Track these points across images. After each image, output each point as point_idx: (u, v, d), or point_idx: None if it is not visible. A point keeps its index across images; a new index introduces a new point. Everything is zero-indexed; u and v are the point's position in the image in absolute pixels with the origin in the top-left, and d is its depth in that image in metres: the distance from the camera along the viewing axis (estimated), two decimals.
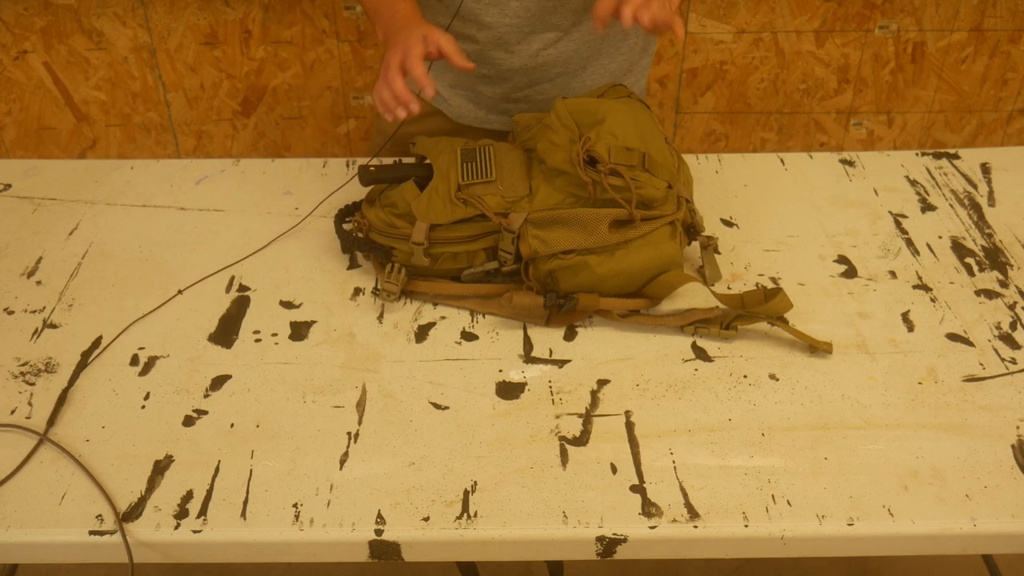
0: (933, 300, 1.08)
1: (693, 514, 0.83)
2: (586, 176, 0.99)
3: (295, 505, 0.84)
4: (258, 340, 1.03)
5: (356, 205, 1.14)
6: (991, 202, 1.25)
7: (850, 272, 1.12)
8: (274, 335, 1.03)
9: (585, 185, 1.00)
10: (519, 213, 1.02)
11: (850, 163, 1.34)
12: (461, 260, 1.07)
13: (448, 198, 1.03)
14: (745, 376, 0.97)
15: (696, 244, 1.14)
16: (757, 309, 1.01)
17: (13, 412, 0.94)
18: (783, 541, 0.82)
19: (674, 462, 0.88)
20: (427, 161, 1.08)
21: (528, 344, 1.02)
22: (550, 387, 0.96)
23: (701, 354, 1.00)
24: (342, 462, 0.88)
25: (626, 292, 1.04)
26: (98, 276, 1.12)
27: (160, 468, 0.87)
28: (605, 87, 1.13)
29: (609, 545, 0.82)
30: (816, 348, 1.00)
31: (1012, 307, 1.07)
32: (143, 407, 0.94)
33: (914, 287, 1.10)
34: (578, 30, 1.25)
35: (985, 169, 1.32)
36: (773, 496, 0.84)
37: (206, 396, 0.96)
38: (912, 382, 0.96)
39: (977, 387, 0.96)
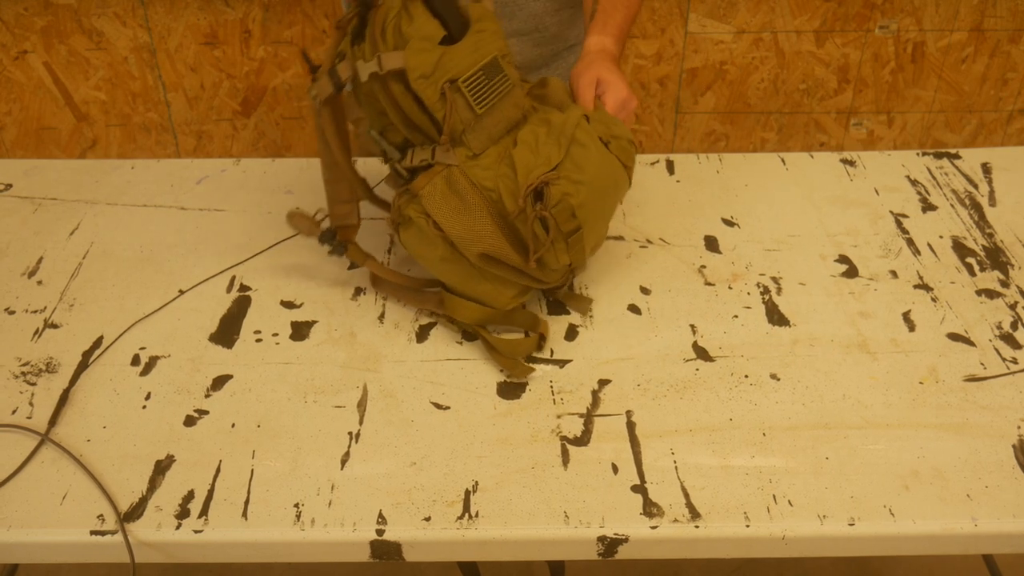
0: (934, 300, 1.08)
1: (694, 514, 0.83)
2: (523, 203, 0.94)
3: (296, 505, 0.84)
4: (259, 340, 1.03)
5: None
6: (992, 202, 1.25)
7: (851, 272, 1.12)
8: (275, 335, 1.03)
9: (520, 211, 0.95)
10: (456, 155, 0.96)
11: (851, 163, 1.34)
12: (395, 135, 0.99)
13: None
14: (746, 376, 0.97)
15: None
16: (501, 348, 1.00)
17: (14, 412, 0.94)
18: (784, 541, 0.82)
19: (675, 462, 0.88)
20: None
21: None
22: (551, 387, 0.96)
23: (702, 354, 1.00)
24: (343, 462, 0.88)
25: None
26: (99, 276, 1.12)
27: (161, 468, 0.87)
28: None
29: (610, 545, 0.82)
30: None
31: (1013, 307, 1.07)
32: (144, 407, 0.94)
33: (915, 287, 1.10)
34: (527, 39, 1.30)
35: (986, 169, 1.32)
36: (774, 496, 0.84)
37: (207, 396, 0.95)
38: (913, 382, 0.97)
39: (978, 387, 0.96)
